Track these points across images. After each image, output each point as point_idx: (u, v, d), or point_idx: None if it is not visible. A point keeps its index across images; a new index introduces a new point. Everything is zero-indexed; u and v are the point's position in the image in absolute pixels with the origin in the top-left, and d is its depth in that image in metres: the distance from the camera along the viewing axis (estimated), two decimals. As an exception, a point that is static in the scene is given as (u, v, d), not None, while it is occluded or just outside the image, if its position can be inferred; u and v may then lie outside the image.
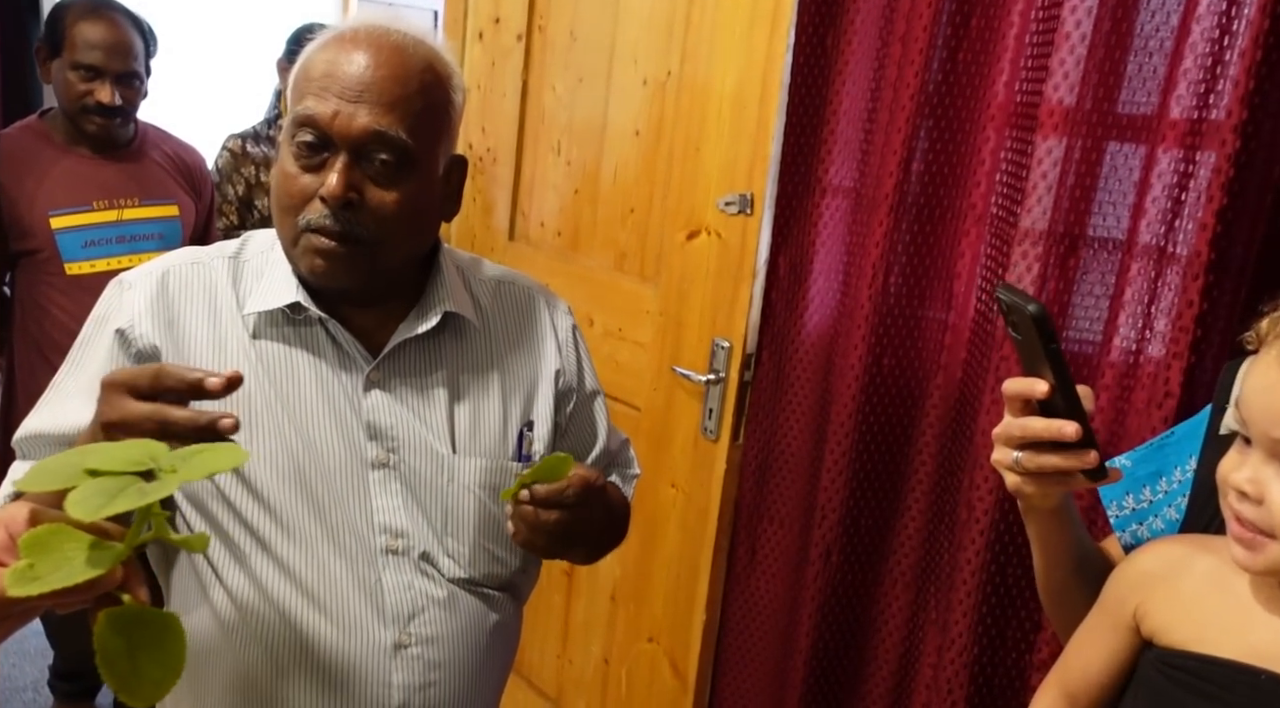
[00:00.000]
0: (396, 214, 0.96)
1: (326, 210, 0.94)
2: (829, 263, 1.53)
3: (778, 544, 1.65)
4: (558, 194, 2.02)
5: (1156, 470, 0.93)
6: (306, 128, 0.93)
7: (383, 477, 1.03)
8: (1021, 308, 0.76)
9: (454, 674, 1.05)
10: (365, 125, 0.92)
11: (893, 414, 1.48)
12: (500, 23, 2.08)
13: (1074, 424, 0.78)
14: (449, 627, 1.04)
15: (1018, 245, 1.26)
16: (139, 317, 0.99)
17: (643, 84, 1.81)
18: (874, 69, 1.44)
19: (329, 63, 0.94)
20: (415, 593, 1.03)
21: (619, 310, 1.90)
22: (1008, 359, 1.27)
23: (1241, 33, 1.03)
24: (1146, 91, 1.16)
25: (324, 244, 0.95)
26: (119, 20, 2.02)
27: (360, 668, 1.00)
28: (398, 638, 1.01)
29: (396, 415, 1.03)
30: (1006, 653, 1.35)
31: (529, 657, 2.20)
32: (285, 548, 0.99)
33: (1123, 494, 0.95)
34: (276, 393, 1.00)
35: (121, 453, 0.63)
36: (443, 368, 1.07)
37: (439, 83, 0.98)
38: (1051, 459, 0.81)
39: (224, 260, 1.05)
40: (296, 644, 0.99)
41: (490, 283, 1.15)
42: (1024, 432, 0.82)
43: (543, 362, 1.14)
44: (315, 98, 0.93)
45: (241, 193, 2.71)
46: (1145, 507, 0.94)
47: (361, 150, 0.94)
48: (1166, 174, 1.12)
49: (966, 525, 1.33)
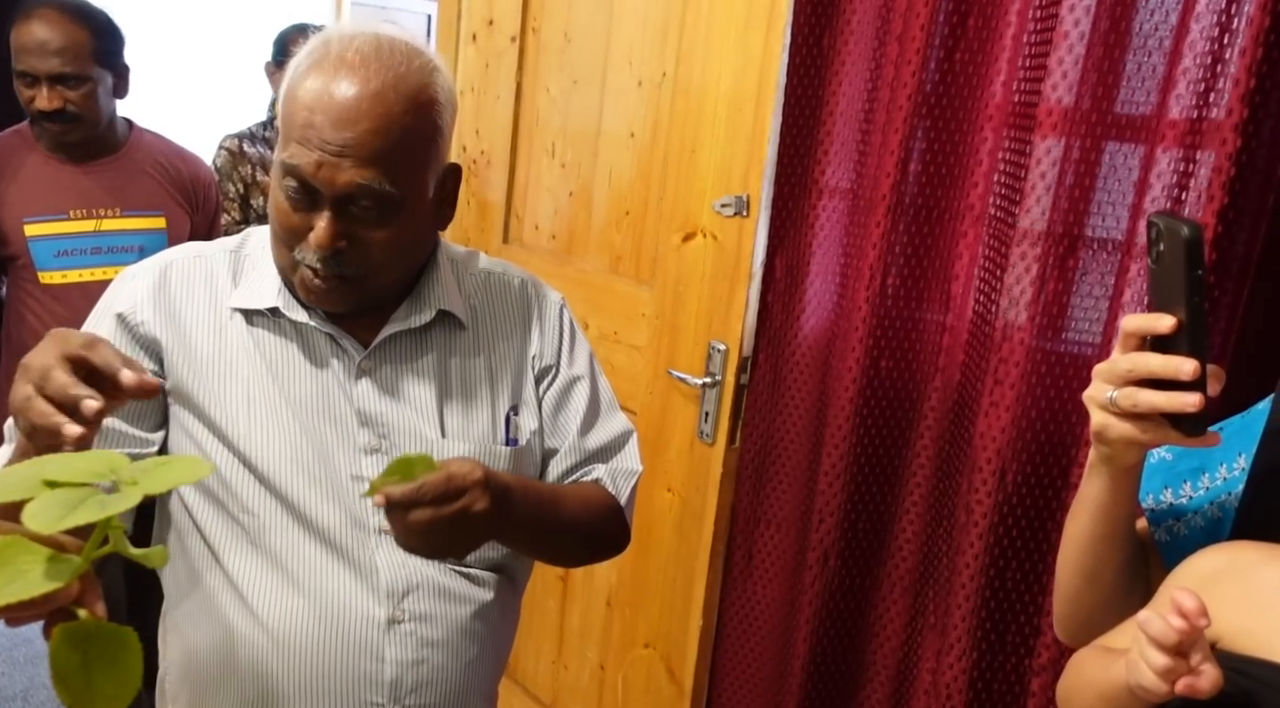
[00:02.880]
0: (386, 251, 0.99)
1: (317, 256, 0.96)
2: (826, 265, 1.52)
3: (775, 548, 1.64)
4: (552, 197, 2.01)
5: (1199, 466, 0.89)
6: (292, 176, 0.94)
7: (376, 462, 1.05)
8: (1177, 230, 0.72)
9: (446, 653, 1.07)
10: (349, 181, 0.93)
11: (890, 417, 1.47)
12: (494, 25, 2.06)
13: (1192, 362, 0.72)
14: (442, 605, 1.06)
15: (1016, 246, 1.25)
16: (140, 304, 1.03)
17: (638, 86, 1.80)
18: (871, 69, 1.43)
19: (311, 108, 0.93)
20: (409, 571, 1.05)
21: (614, 314, 1.89)
22: (1005, 362, 1.26)
23: (1242, 30, 1.03)
24: (1146, 91, 1.15)
25: (316, 283, 0.98)
26: (53, 19, 1.85)
27: (353, 643, 1.03)
28: (391, 613, 1.04)
29: (387, 403, 1.06)
30: (1006, 658, 1.33)
31: (524, 663, 2.18)
32: (282, 528, 1.03)
33: (1160, 487, 0.91)
34: (274, 380, 1.04)
35: (81, 464, 0.61)
36: (432, 356, 1.09)
37: (424, 116, 0.97)
38: (1152, 395, 0.74)
39: (225, 254, 1.09)
40: (290, 621, 1.02)
41: (481, 275, 1.17)
42: (1134, 366, 0.76)
43: (527, 347, 1.16)
44: (299, 146, 0.93)
45: (241, 191, 2.77)
46: (1184, 502, 0.89)
47: (347, 201, 0.95)
48: (1166, 174, 1.11)
49: (965, 529, 1.31)
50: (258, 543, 1.03)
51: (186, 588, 1.07)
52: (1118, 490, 0.84)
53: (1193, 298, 0.72)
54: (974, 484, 1.30)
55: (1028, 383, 1.25)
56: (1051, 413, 1.26)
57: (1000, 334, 1.27)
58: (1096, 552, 0.88)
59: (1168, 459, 0.91)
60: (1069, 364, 1.24)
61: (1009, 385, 1.26)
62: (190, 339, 1.03)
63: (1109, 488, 0.84)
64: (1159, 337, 0.75)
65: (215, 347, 1.04)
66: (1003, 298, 1.26)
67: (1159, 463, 0.91)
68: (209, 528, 1.04)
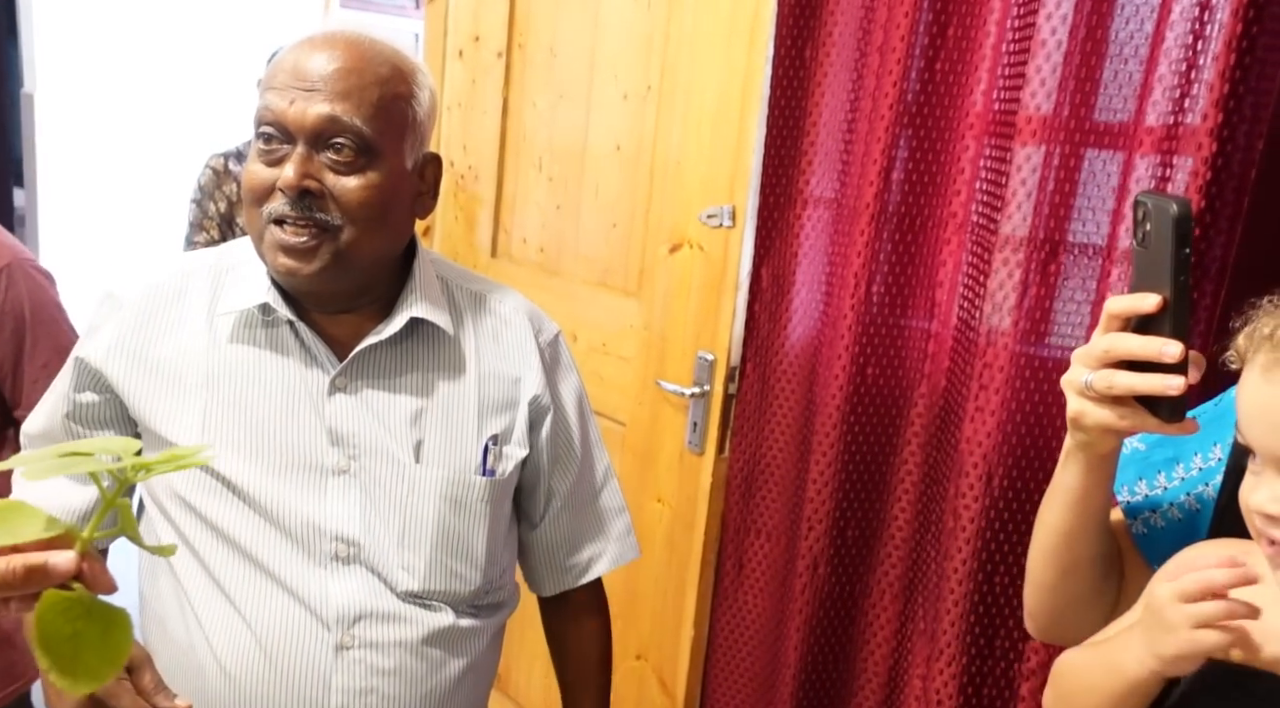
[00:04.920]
0: (361, 201, 0.96)
1: (286, 200, 0.94)
2: (811, 274, 1.53)
3: (765, 557, 1.64)
4: (540, 210, 2.02)
5: (1174, 456, 0.87)
6: (265, 123, 0.95)
7: (342, 484, 1.02)
8: (1165, 207, 0.70)
9: (399, 682, 1.02)
10: (320, 113, 0.93)
11: (877, 424, 1.48)
12: (480, 40, 2.08)
13: (1177, 343, 0.69)
14: (395, 635, 1.02)
15: (999, 253, 1.26)
16: (105, 352, 1.03)
17: (623, 99, 1.82)
18: (853, 80, 1.44)
19: (290, 63, 0.96)
20: (361, 598, 1.01)
21: (602, 325, 1.90)
22: (990, 367, 1.27)
23: (1215, 37, 1.04)
24: (1123, 98, 1.17)
25: (287, 239, 0.95)
26: None
27: (299, 673, 0.99)
28: (340, 639, 1.00)
29: (360, 421, 1.03)
30: (995, 663, 1.34)
31: (516, 677, 2.18)
32: (230, 558, 1.01)
33: (1135, 479, 0.88)
34: (236, 400, 1.01)
35: (99, 443, 0.62)
36: (412, 375, 1.06)
37: (399, 77, 0.99)
38: (1130, 378, 0.72)
39: (207, 271, 1.07)
40: (238, 652, 0.99)
41: (475, 295, 1.13)
42: (1111, 347, 0.73)
43: (522, 382, 1.12)
44: (274, 92, 0.95)
45: (223, 210, 2.75)
46: (1160, 493, 0.87)
47: (318, 139, 0.94)
48: (1145, 179, 1.13)
49: (953, 534, 1.32)
50: (211, 574, 1.01)
51: (160, 617, 1.05)
52: (1093, 479, 0.81)
53: (1178, 277, 0.70)
54: (961, 490, 1.31)
55: (1012, 388, 1.26)
56: (1036, 417, 1.27)
57: (984, 340, 1.28)
58: (1071, 543, 0.85)
59: (1141, 449, 0.89)
60: (1053, 369, 1.25)
61: (994, 391, 1.27)
62: (153, 363, 1.02)
63: (1084, 476, 0.81)
64: (1141, 319, 0.73)
65: (178, 367, 1.02)
66: (986, 304, 1.28)
67: (1133, 453, 0.89)
68: (176, 556, 1.02)
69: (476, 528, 1.07)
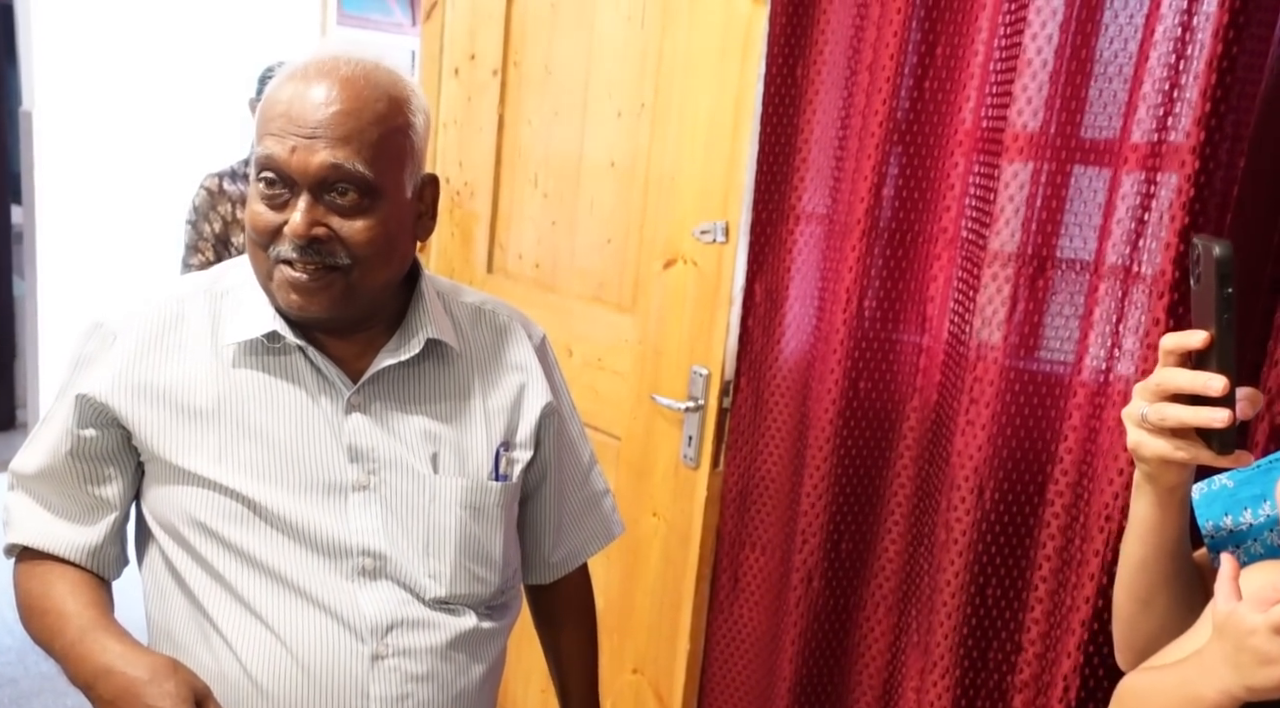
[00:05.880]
0: (369, 241, 0.97)
1: (294, 245, 0.96)
2: (804, 289, 1.55)
3: (760, 571, 1.65)
4: (535, 226, 2.03)
5: (1260, 493, 0.88)
6: (267, 168, 0.96)
7: (362, 499, 1.04)
8: (1209, 249, 0.75)
9: (432, 687, 1.06)
10: (323, 162, 0.94)
11: (870, 438, 1.49)
12: (475, 59, 2.10)
13: (1221, 378, 0.73)
14: (427, 641, 1.05)
15: (988, 267, 1.28)
16: (109, 386, 1.01)
17: (617, 116, 1.84)
18: (843, 97, 1.46)
19: (286, 102, 0.95)
20: (392, 608, 1.04)
21: (598, 340, 1.91)
22: (980, 381, 1.28)
23: (1197, 57, 1.06)
24: (1108, 116, 1.19)
25: (297, 278, 0.97)
26: None
27: (338, 686, 1.01)
28: (376, 649, 1.03)
29: (377, 438, 1.05)
30: (989, 675, 1.35)
31: (514, 691, 2.18)
32: (258, 581, 1.01)
33: (1221, 515, 0.90)
34: (251, 424, 1.02)
35: None
36: (423, 390, 1.09)
37: (396, 108, 0.99)
38: (1180, 410, 0.75)
39: (203, 295, 1.07)
40: (274, 671, 1.00)
41: (470, 309, 1.17)
42: (1163, 382, 0.77)
43: (527, 388, 1.16)
44: (274, 138, 0.95)
45: (218, 230, 2.74)
46: (1244, 530, 0.88)
47: (323, 186, 0.95)
48: (1130, 196, 1.15)
49: (945, 547, 1.33)
50: (237, 587, 1.01)
51: (176, 639, 1.05)
52: (1163, 511, 0.84)
53: (1222, 315, 0.74)
54: (953, 502, 1.32)
55: (1002, 401, 1.27)
56: (1027, 430, 1.28)
57: (975, 354, 1.29)
58: (1148, 574, 0.88)
59: (1229, 486, 0.91)
60: (1042, 382, 1.27)
61: (984, 404, 1.28)
62: (160, 393, 1.02)
63: (1154, 509, 0.84)
64: (1196, 354, 0.76)
65: (187, 395, 1.02)
66: (976, 319, 1.29)
67: (1220, 490, 0.91)
68: (191, 579, 1.02)
69: (493, 532, 1.11)
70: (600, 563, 1.45)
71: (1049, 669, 1.25)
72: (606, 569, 1.84)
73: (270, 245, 0.97)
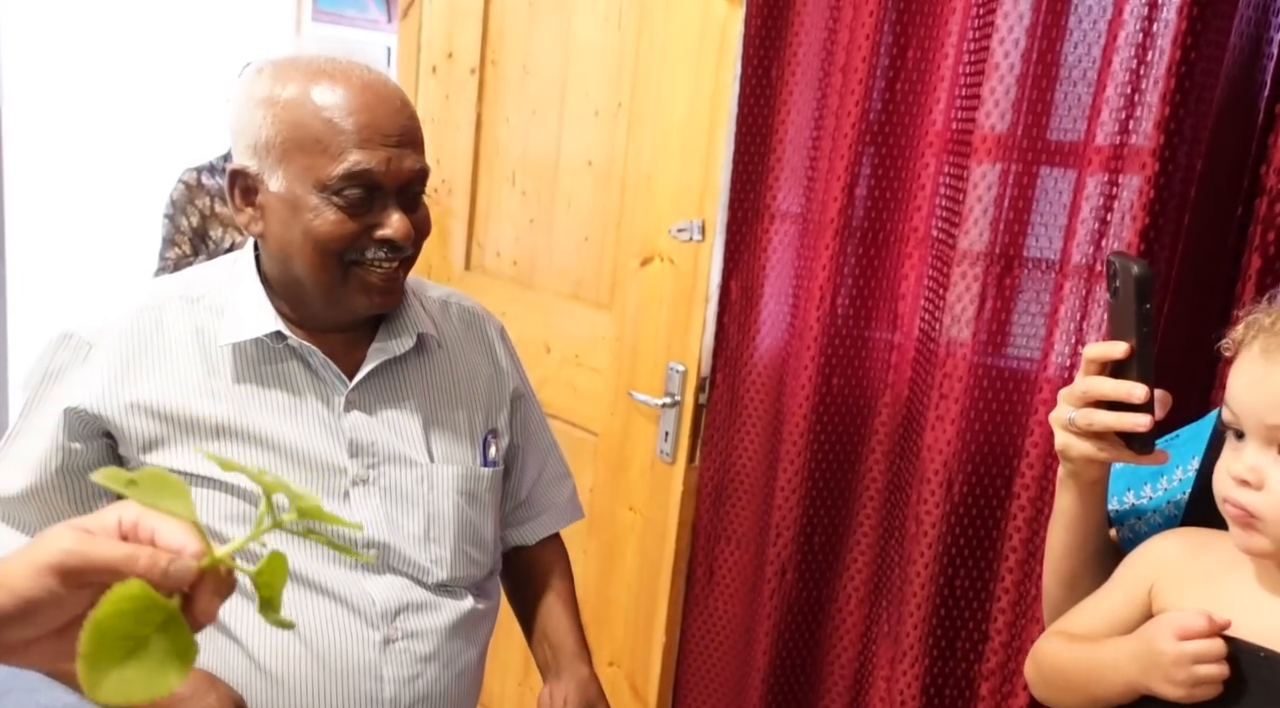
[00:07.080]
0: (427, 227, 1.06)
1: (385, 247, 1.00)
2: (779, 286, 1.58)
3: (735, 564, 1.68)
4: (513, 224, 2.05)
5: (1158, 470, 0.96)
6: (358, 180, 0.97)
7: (362, 492, 1.07)
8: (1129, 268, 0.80)
9: (438, 665, 1.10)
10: (410, 167, 1.01)
11: (843, 433, 1.52)
12: (453, 57, 2.11)
13: (1143, 387, 0.80)
14: (432, 622, 1.10)
15: (957, 266, 1.31)
16: (99, 398, 1.00)
17: (595, 115, 1.85)
18: (817, 99, 1.49)
19: (358, 111, 0.96)
20: (398, 593, 1.08)
21: (575, 337, 1.93)
22: (950, 377, 1.31)
23: (1157, 63, 1.10)
24: (1073, 118, 1.22)
25: (387, 276, 1.02)
26: None
27: (352, 671, 1.05)
28: (387, 633, 1.06)
29: (375, 432, 1.08)
30: (956, 663, 1.38)
31: (490, 684, 2.19)
32: None
33: (1124, 490, 0.98)
34: (251, 428, 1.03)
35: None
36: (411, 383, 1.13)
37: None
38: (1106, 416, 0.82)
39: (179, 303, 1.06)
40: (288, 663, 1.03)
41: (438, 302, 1.21)
42: (1089, 389, 0.83)
43: (498, 375, 1.21)
44: (361, 150, 0.96)
45: (196, 224, 2.73)
46: (1144, 502, 0.96)
47: (405, 189, 1.01)
48: (1094, 196, 1.18)
49: (915, 539, 1.36)
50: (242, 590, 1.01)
51: None
52: (1085, 503, 0.91)
53: (1141, 329, 0.80)
54: (923, 495, 1.35)
55: (971, 397, 1.31)
56: (994, 425, 1.31)
57: (945, 351, 1.32)
58: (1071, 560, 0.95)
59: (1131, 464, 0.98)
60: (1009, 378, 1.30)
61: (954, 399, 1.31)
62: (152, 402, 1.01)
63: (1077, 501, 0.91)
64: (1115, 362, 0.82)
65: (180, 402, 1.01)
66: (946, 316, 1.32)
67: (1123, 468, 0.97)
68: None
69: (485, 515, 1.16)
70: (578, 557, 1.46)
71: (1015, 658, 1.28)
72: (584, 563, 1.86)
73: (345, 251, 1.00)
